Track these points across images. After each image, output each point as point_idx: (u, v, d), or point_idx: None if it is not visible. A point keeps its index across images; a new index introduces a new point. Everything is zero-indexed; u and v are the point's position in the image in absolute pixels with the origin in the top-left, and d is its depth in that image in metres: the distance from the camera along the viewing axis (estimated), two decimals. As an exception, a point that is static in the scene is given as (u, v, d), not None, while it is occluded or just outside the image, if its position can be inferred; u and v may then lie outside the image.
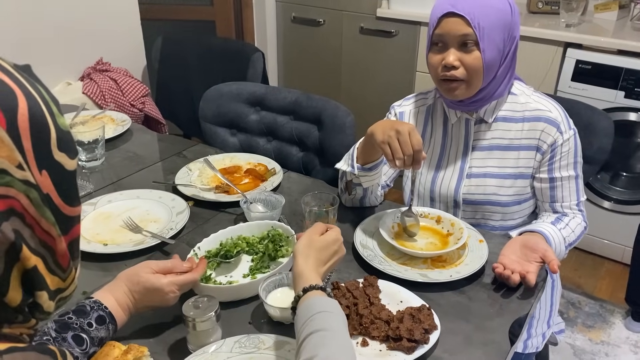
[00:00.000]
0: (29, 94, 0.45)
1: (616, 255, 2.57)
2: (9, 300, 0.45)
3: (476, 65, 1.21)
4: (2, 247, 0.43)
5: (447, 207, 1.40)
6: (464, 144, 1.36)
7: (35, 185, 0.44)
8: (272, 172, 1.57)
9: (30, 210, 0.44)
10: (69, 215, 0.48)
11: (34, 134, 0.44)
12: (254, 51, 2.37)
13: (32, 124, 0.44)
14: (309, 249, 0.95)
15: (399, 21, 2.78)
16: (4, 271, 0.44)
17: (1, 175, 0.41)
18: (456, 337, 0.99)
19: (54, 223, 0.47)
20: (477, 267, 1.14)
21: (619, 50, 2.28)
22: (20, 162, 0.43)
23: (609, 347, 2.12)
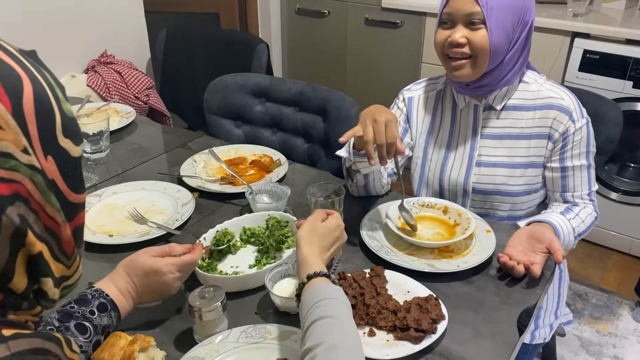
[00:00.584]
0: (35, 78, 0.45)
1: (623, 246, 2.56)
2: (14, 286, 0.45)
3: (482, 44, 1.19)
4: (7, 232, 0.42)
5: (456, 195, 1.38)
6: (472, 131, 1.35)
7: (41, 171, 0.44)
8: (278, 163, 1.56)
9: (35, 196, 0.43)
10: (73, 202, 0.48)
11: (39, 119, 0.43)
12: (258, 42, 2.36)
13: (38, 108, 0.43)
14: (312, 235, 0.95)
15: (404, 12, 2.76)
16: (9, 256, 0.43)
17: (6, 159, 0.41)
18: (464, 327, 0.98)
19: (59, 209, 0.46)
20: (484, 258, 1.13)
21: (627, 40, 2.25)
22: (25, 147, 0.42)
23: (616, 338, 2.11)
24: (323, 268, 0.89)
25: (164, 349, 0.92)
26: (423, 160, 1.43)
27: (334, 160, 1.76)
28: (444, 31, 1.25)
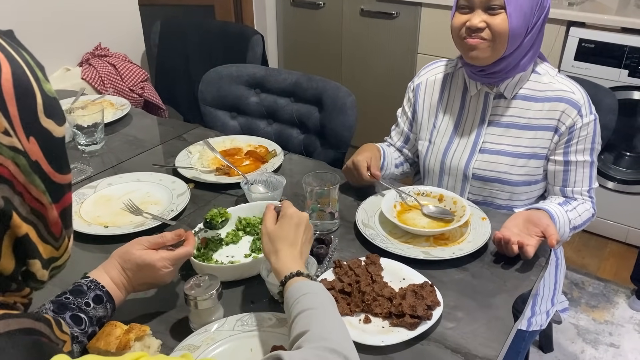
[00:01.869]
0: (13, 58, 0.44)
1: (620, 235, 2.56)
2: (1, 268, 0.45)
3: (502, 28, 1.19)
4: None
5: (456, 180, 1.38)
6: (480, 118, 1.35)
7: (23, 152, 0.43)
8: (273, 153, 1.56)
9: (19, 178, 0.43)
10: (59, 182, 0.47)
11: (19, 99, 0.43)
12: (253, 34, 2.35)
13: (17, 89, 0.43)
14: (271, 244, 0.91)
15: (400, 2, 2.75)
16: None
17: None
18: (459, 313, 0.99)
19: (44, 191, 0.46)
20: (479, 244, 1.14)
21: (622, 28, 2.25)
22: (6, 128, 0.42)
23: (612, 326, 2.12)
24: (296, 267, 0.87)
25: (160, 338, 0.92)
26: (428, 143, 1.43)
27: (329, 150, 1.76)
28: (461, 15, 1.24)
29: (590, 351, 2.02)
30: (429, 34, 2.73)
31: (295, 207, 0.96)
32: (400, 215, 1.26)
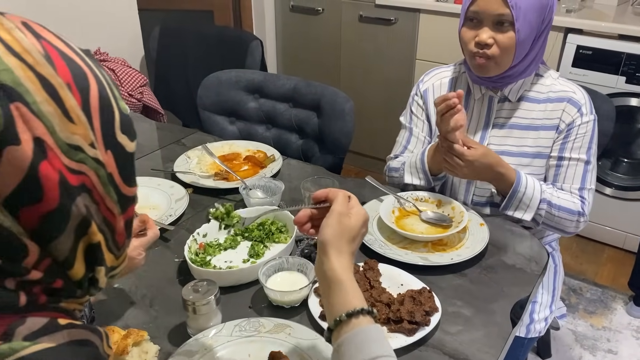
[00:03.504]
0: (97, 76, 0.47)
1: (617, 241, 2.57)
2: (73, 273, 0.46)
3: (509, 45, 1.20)
4: (75, 221, 0.44)
5: (461, 181, 1.38)
6: (484, 121, 1.35)
7: (103, 164, 0.46)
8: (272, 158, 1.56)
9: (98, 188, 0.45)
10: (127, 195, 0.49)
11: (102, 115, 0.45)
12: (252, 39, 2.35)
13: (101, 105, 0.45)
14: (340, 240, 0.76)
15: (399, 9, 2.76)
16: (73, 244, 0.45)
17: (77, 152, 0.43)
18: (457, 319, 0.99)
19: (116, 202, 0.48)
20: (478, 250, 1.14)
21: (619, 35, 2.26)
22: (92, 141, 0.44)
23: (610, 332, 2.12)
24: (363, 299, 0.73)
25: (157, 343, 0.92)
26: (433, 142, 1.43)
27: (328, 155, 1.76)
28: (470, 30, 1.25)
29: (588, 357, 2.01)
30: (428, 40, 2.74)
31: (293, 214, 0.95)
32: (398, 221, 1.27)
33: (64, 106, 0.42)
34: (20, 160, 0.39)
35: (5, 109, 0.38)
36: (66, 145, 0.42)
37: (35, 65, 0.40)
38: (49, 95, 0.41)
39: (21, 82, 0.39)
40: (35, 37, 0.42)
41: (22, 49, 0.40)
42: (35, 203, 0.41)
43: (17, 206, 0.40)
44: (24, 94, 0.39)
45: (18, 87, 0.39)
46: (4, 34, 0.40)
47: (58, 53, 0.43)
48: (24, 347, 0.39)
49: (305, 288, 1.00)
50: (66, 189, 0.42)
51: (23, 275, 0.42)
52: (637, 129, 2.46)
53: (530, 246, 1.20)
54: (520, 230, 1.26)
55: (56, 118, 0.41)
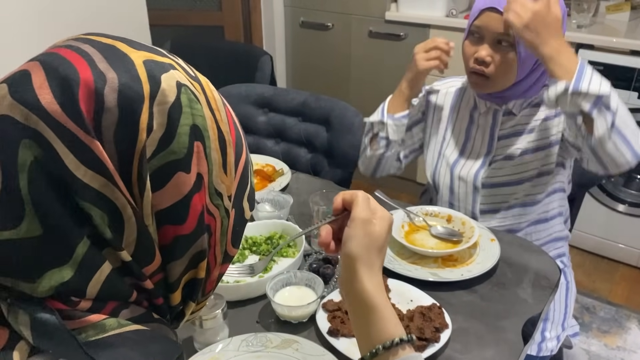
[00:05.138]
0: (247, 149, 0.56)
1: (631, 259, 2.52)
2: (172, 297, 0.51)
3: (506, 66, 1.20)
4: (194, 250, 0.49)
5: (467, 193, 1.38)
6: (489, 134, 1.35)
7: (229, 217, 0.52)
8: (280, 172, 1.55)
9: (217, 234, 0.51)
10: (229, 252, 0.55)
11: (242, 179, 0.53)
12: (262, 54, 2.36)
13: (244, 171, 0.54)
14: (369, 252, 0.67)
15: (408, 24, 2.77)
16: (184, 270, 0.50)
17: (218, 198, 0.50)
18: (468, 336, 0.97)
19: (223, 252, 0.53)
20: (488, 266, 1.12)
21: (631, 51, 2.24)
22: (231, 195, 0.51)
23: (625, 352, 2.07)
24: (400, 325, 0.66)
25: (163, 358, 0.91)
26: (438, 154, 1.43)
27: (337, 169, 1.76)
28: (471, 46, 1.26)
29: (602, 377, 1.97)
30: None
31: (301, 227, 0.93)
32: (408, 236, 1.25)
33: (226, 159, 0.50)
34: (183, 186, 0.46)
35: (190, 143, 0.46)
36: (214, 189, 0.49)
37: (219, 121, 0.50)
38: (219, 147, 0.49)
39: (207, 129, 0.48)
40: (223, 102, 0.52)
41: (216, 107, 0.50)
42: (177, 224, 0.47)
43: (164, 221, 0.47)
44: (205, 139, 0.48)
45: (204, 132, 0.48)
46: (209, 92, 0.50)
47: (232, 120, 0.53)
48: (128, 324, 0.46)
49: (313, 303, 0.98)
50: (201, 222, 0.49)
51: (139, 279, 0.47)
52: (649, 145, 2.43)
53: (542, 262, 1.18)
54: (531, 246, 1.25)
55: (217, 165, 0.49)
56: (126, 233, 0.45)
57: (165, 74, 0.47)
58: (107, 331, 0.44)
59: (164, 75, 0.47)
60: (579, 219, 1.66)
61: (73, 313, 0.44)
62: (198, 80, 0.50)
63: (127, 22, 2.48)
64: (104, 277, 0.45)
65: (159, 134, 0.45)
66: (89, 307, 0.45)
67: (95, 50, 0.46)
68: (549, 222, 1.38)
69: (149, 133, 0.44)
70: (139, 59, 0.47)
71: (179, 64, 0.50)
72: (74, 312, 0.44)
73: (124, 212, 0.44)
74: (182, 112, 0.46)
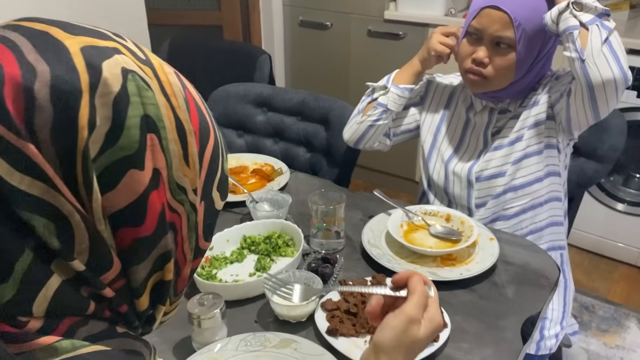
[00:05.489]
0: (216, 133, 0.51)
1: (630, 258, 2.52)
2: (139, 303, 0.48)
3: (505, 67, 1.20)
4: (157, 253, 0.46)
5: (461, 186, 1.38)
6: (484, 130, 1.36)
7: (196, 211, 0.48)
8: (279, 172, 1.55)
9: (183, 231, 0.48)
10: (201, 247, 0.52)
11: (209, 168, 0.49)
12: (261, 53, 2.36)
13: (212, 159, 0.49)
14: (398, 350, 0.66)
15: (407, 23, 2.77)
16: (148, 274, 0.47)
17: (180, 193, 0.46)
18: (467, 335, 0.97)
19: (192, 249, 0.50)
20: (488, 265, 1.12)
21: (630, 50, 2.24)
22: (196, 187, 0.48)
23: (624, 351, 2.07)
24: None
25: (162, 357, 0.90)
26: (432, 147, 1.43)
27: (336, 169, 1.75)
28: (468, 46, 1.25)
29: (601, 376, 1.97)
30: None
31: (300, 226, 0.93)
32: (407, 235, 1.25)
33: (187, 150, 0.46)
34: (138, 184, 0.43)
35: (142, 136, 0.42)
36: (175, 184, 0.45)
37: (176, 109, 0.45)
38: (178, 137, 0.45)
39: (162, 118, 0.44)
40: (182, 85, 0.47)
41: (172, 92, 0.45)
42: (135, 226, 0.44)
43: (119, 224, 0.43)
44: (160, 129, 0.43)
45: (158, 122, 0.43)
46: (162, 76, 0.45)
47: (194, 104, 0.48)
48: (83, 345, 0.42)
49: (312, 302, 0.98)
50: (162, 221, 0.45)
51: (98, 288, 0.44)
52: (649, 144, 2.43)
53: (541, 261, 1.18)
54: (531, 245, 1.25)
55: (177, 158, 0.45)
56: (77, 241, 0.41)
57: (107, 61, 0.42)
58: (60, 354, 0.41)
59: (106, 62, 0.42)
60: (578, 218, 1.66)
61: (21, 335, 0.40)
62: (150, 64, 0.45)
63: (126, 22, 2.48)
64: (53, 292, 0.41)
65: (105, 129, 0.41)
66: (40, 326, 0.41)
67: (24, 39, 0.41)
68: (544, 206, 1.36)
69: (91, 129, 0.40)
70: (75, 45, 0.42)
71: (126, 47, 0.45)
72: (23, 334, 0.41)
73: (72, 218, 0.41)
74: (129, 102, 0.42)
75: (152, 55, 0.47)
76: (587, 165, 1.51)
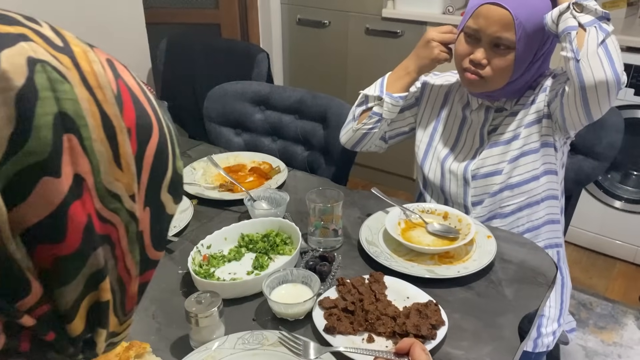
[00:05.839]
0: (162, 129, 0.44)
1: (628, 255, 2.53)
2: (70, 328, 0.42)
3: (503, 68, 1.20)
4: (88, 271, 0.40)
5: (458, 184, 1.38)
6: (480, 129, 1.36)
7: (137, 220, 0.42)
8: (277, 170, 1.55)
9: (122, 243, 0.42)
10: (151, 258, 0.46)
11: (153, 169, 0.43)
12: (259, 51, 2.36)
13: (156, 159, 0.43)
14: None
15: (405, 21, 2.77)
16: (79, 296, 0.41)
17: (113, 200, 0.40)
18: (464, 333, 0.97)
19: (137, 262, 0.44)
20: (485, 263, 1.12)
21: (628, 47, 2.25)
22: (134, 193, 0.41)
23: (621, 348, 2.08)
24: None
25: (160, 356, 0.91)
26: (427, 146, 1.43)
27: (334, 167, 1.75)
28: (466, 45, 1.25)
29: (598, 373, 1.98)
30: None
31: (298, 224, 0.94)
32: (404, 233, 1.25)
33: (117, 150, 0.39)
34: (54, 194, 0.36)
35: (57, 138, 0.35)
36: (105, 190, 0.39)
37: (103, 103, 0.38)
38: (105, 136, 0.38)
39: (83, 115, 0.37)
40: (114, 75, 0.40)
41: (96, 84, 0.38)
42: (54, 243, 0.37)
43: (35, 241, 0.37)
44: (81, 128, 0.37)
45: (78, 120, 0.37)
46: (85, 65, 0.38)
47: (130, 96, 0.41)
48: None
49: (310, 300, 0.98)
50: (90, 235, 0.39)
51: (13, 317, 0.37)
52: (646, 141, 2.43)
53: (538, 259, 1.18)
54: (528, 242, 1.25)
55: (105, 160, 0.38)
56: None
57: (8, 50, 0.35)
58: None
59: (6, 51, 0.35)
60: (576, 215, 1.66)
61: None
62: (69, 52, 0.38)
63: (124, 20, 2.47)
64: None
65: (7, 132, 0.34)
66: None
67: None
68: (540, 204, 1.36)
69: None
70: None
71: (38, 33, 0.38)
72: None
73: None
74: (38, 97, 0.35)
75: (76, 41, 0.40)
76: (584, 163, 1.51)
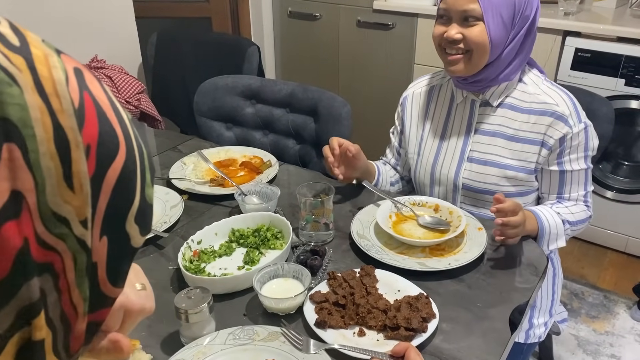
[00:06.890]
0: (131, 150, 0.39)
1: (619, 245, 2.55)
2: None
3: (478, 40, 1.19)
4: (18, 304, 0.34)
5: (447, 190, 1.38)
6: (466, 125, 1.35)
7: (89, 250, 0.37)
8: (268, 164, 1.55)
9: (68, 275, 0.36)
10: (106, 294, 0.40)
11: (115, 195, 0.37)
12: (250, 45, 2.35)
13: (119, 182, 0.37)
14: None
15: (396, 13, 2.76)
16: (6, 332, 0.35)
17: (59, 225, 0.35)
18: (455, 325, 0.97)
19: (86, 298, 0.39)
20: (476, 255, 1.12)
21: (618, 38, 2.25)
22: (86, 218, 0.36)
23: (613, 337, 2.09)
24: None
25: (150, 352, 0.90)
26: (417, 155, 1.43)
27: (325, 161, 1.75)
28: (440, 26, 1.25)
29: (590, 363, 1.99)
30: (426, 44, 2.74)
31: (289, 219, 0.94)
32: (395, 226, 1.25)
33: (70, 168, 0.34)
34: None
35: None
36: (50, 212, 0.34)
37: (58, 113, 0.33)
38: (57, 150, 0.33)
39: (31, 124, 0.32)
40: (79, 85, 0.35)
41: (53, 91, 0.34)
42: None
43: None
44: (26, 138, 0.32)
45: (24, 129, 0.32)
46: (42, 70, 0.34)
47: (95, 111, 0.36)
48: None
49: (301, 295, 0.98)
50: (24, 262, 0.33)
51: None
52: (637, 131, 2.44)
53: (529, 251, 1.18)
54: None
55: (53, 178, 0.33)
56: None
57: None
58: None
59: None
60: (567, 206, 1.66)
61: None
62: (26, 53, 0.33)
63: (113, 14, 2.45)
64: None
65: None
66: None
67: None
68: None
69: None
70: None
71: None
72: None
73: None
74: None
75: (39, 44, 0.35)
76: (575, 154, 1.51)
